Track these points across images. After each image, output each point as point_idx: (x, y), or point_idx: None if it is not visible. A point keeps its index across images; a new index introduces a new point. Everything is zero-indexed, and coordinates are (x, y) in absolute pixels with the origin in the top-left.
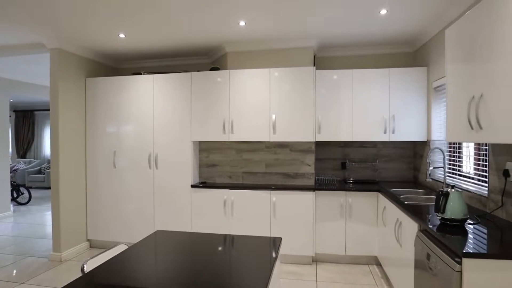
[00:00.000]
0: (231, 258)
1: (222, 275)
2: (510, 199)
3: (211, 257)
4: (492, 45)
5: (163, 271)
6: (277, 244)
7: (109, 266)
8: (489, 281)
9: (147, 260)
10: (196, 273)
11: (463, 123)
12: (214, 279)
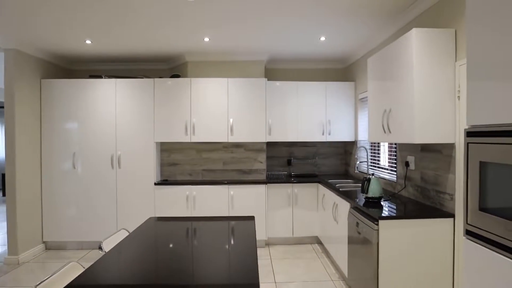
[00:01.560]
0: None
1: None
2: (410, 182)
3: (210, 240)
4: (397, 74)
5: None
6: (252, 223)
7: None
8: (394, 233)
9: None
10: (199, 252)
11: (379, 128)
12: (214, 256)
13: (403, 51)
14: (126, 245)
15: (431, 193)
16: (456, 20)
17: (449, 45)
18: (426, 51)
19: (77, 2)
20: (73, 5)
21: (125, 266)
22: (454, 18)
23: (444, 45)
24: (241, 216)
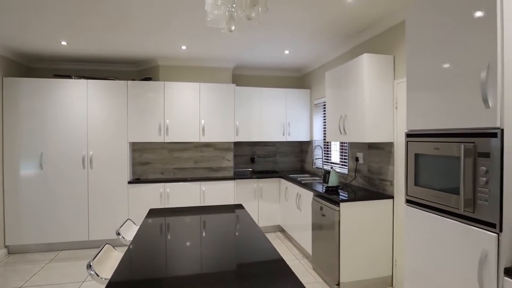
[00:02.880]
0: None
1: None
2: (359, 173)
3: (221, 227)
4: (351, 87)
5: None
6: (245, 211)
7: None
8: (351, 212)
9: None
10: (216, 240)
11: (336, 130)
12: (233, 242)
13: (357, 70)
14: (147, 237)
15: (376, 181)
16: (394, 48)
17: (389, 67)
18: (373, 71)
19: (54, 5)
20: (52, 8)
21: (168, 258)
22: (392, 47)
23: (386, 67)
24: (231, 205)
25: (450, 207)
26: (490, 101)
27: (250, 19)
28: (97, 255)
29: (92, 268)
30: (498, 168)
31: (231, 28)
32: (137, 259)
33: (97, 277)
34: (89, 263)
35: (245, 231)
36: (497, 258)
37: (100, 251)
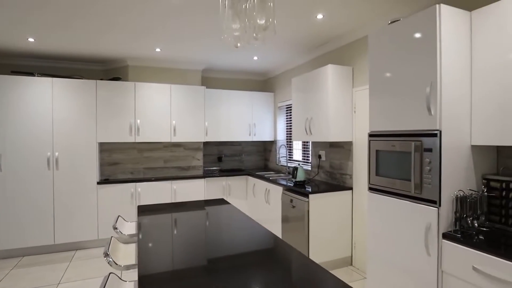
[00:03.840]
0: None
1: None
2: (322, 169)
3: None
4: (317, 93)
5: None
6: (232, 206)
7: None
8: (318, 203)
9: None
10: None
11: (302, 130)
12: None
13: (322, 78)
14: (152, 231)
15: (337, 175)
16: (353, 60)
17: (349, 77)
18: (336, 79)
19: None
20: (18, 5)
21: (180, 250)
22: (351, 59)
23: (346, 77)
24: (214, 199)
25: (404, 190)
26: (432, 110)
27: (257, 40)
28: (109, 246)
29: (109, 256)
30: (437, 159)
31: (237, 45)
32: (160, 250)
33: (115, 264)
34: (106, 251)
35: (243, 220)
36: (437, 226)
37: (109, 243)
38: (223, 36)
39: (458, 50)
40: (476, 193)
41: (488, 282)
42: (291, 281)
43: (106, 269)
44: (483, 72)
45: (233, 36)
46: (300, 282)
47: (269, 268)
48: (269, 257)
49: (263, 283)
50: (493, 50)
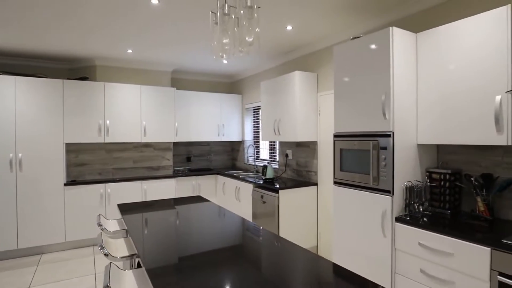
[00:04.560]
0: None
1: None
2: (289, 167)
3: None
4: (285, 96)
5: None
6: (211, 202)
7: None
8: (287, 197)
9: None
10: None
11: (271, 131)
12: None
13: (290, 83)
14: (141, 226)
15: (303, 172)
16: (317, 67)
17: (314, 82)
18: (303, 85)
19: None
20: None
21: (179, 240)
22: (316, 66)
23: (311, 82)
24: (191, 197)
25: (364, 183)
26: (386, 114)
27: (242, 52)
28: (102, 240)
29: (104, 249)
30: (391, 156)
31: (224, 56)
32: (155, 242)
33: (111, 257)
34: (101, 245)
35: (226, 214)
36: (391, 212)
37: (102, 237)
38: (213, 49)
39: (407, 65)
40: (421, 184)
41: (430, 254)
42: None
43: (79, 271)
44: (426, 84)
45: (222, 50)
46: (285, 254)
47: (264, 244)
48: (263, 241)
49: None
50: (433, 66)
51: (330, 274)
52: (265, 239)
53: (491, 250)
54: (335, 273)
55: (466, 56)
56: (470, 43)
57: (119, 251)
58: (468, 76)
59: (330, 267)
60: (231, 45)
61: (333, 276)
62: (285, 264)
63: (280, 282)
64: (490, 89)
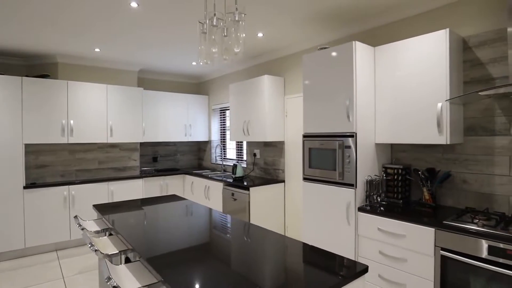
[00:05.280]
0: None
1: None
2: (257, 166)
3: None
4: (253, 98)
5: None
6: (187, 200)
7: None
8: (257, 194)
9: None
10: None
11: (240, 131)
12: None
13: (259, 86)
14: (126, 223)
15: (271, 170)
16: (284, 72)
17: (281, 86)
18: (271, 88)
19: None
20: None
21: (169, 233)
22: (283, 71)
23: (279, 86)
24: (167, 195)
25: (331, 178)
26: (350, 117)
27: (226, 60)
28: (89, 239)
29: (94, 246)
30: (354, 154)
31: (207, 63)
32: (146, 236)
33: (100, 254)
34: (90, 242)
35: (206, 210)
36: (354, 203)
37: (89, 237)
38: (199, 56)
39: (367, 75)
40: (378, 177)
41: (387, 237)
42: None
43: (46, 276)
44: (382, 92)
45: (208, 57)
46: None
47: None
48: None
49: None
50: (388, 77)
51: (301, 249)
52: (251, 226)
53: (435, 230)
54: (307, 249)
55: (414, 69)
56: (417, 58)
57: (106, 248)
58: (416, 86)
59: (300, 245)
60: (218, 54)
61: (307, 251)
62: (265, 242)
63: (263, 252)
64: (433, 97)
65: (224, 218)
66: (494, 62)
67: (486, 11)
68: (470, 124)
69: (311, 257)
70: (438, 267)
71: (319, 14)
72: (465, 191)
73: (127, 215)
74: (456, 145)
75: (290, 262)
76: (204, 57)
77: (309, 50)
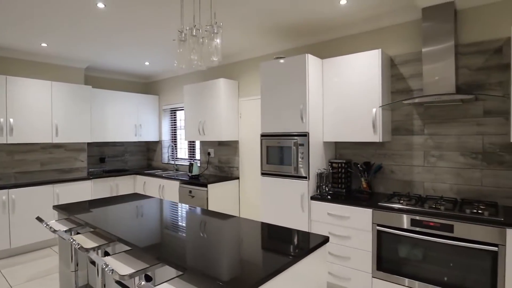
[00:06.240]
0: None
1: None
2: (211, 164)
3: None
4: (209, 99)
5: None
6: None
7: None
8: (214, 191)
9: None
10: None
11: (195, 131)
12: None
13: (215, 88)
14: (103, 219)
15: (225, 168)
16: (238, 76)
17: (235, 89)
18: (226, 90)
19: None
20: None
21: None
22: (237, 75)
23: (234, 89)
24: (129, 194)
25: (287, 172)
26: (303, 119)
27: (201, 66)
28: (70, 234)
29: (76, 241)
30: (307, 151)
31: (183, 67)
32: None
33: (83, 248)
34: (70, 238)
35: (172, 203)
36: (308, 193)
37: (70, 234)
38: (177, 62)
39: (317, 83)
40: (326, 171)
41: (335, 219)
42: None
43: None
44: (329, 98)
45: (186, 63)
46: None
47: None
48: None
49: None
50: (333, 85)
51: (261, 227)
52: (215, 214)
53: (372, 210)
54: (284, 229)
55: (354, 80)
56: (357, 71)
57: (87, 244)
58: (356, 94)
59: (259, 224)
60: (200, 60)
61: (283, 230)
62: (231, 224)
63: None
64: (369, 104)
65: (194, 207)
66: (413, 77)
67: (407, 37)
68: (396, 126)
69: (285, 234)
70: (375, 240)
71: (275, 26)
72: (392, 179)
73: (99, 211)
74: (386, 143)
75: (266, 237)
76: (182, 63)
77: (263, 57)
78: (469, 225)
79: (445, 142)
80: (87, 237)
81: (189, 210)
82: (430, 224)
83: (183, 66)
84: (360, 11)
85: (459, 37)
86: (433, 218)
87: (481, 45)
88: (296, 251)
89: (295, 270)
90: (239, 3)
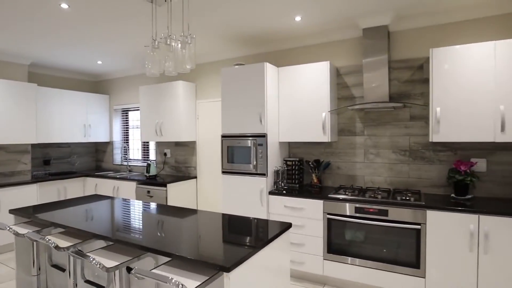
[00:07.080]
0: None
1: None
2: (167, 164)
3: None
4: (167, 101)
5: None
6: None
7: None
8: (174, 190)
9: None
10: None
11: (152, 132)
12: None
13: (173, 90)
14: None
15: (183, 168)
16: (196, 79)
17: (193, 91)
18: (184, 92)
19: None
20: None
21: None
22: (195, 78)
23: (191, 91)
24: (88, 195)
25: (247, 170)
26: (262, 121)
27: (174, 73)
28: (49, 232)
29: (51, 241)
30: (265, 150)
31: (157, 74)
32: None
33: (59, 247)
34: (46, 237)
35: (132, 202)
36: (266, 188)
37: (47, 232)
38: (148, 68)
39: (274, 89)
40: (282, 168)
41: (291, 211)
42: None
43: None
44: (284, 103)
45: (159, 70)
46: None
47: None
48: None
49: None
50: (287, 91)
51: (222, 218)
52: (179, 209)
53: (323, 201)
54: (228, 217)
55: (306, 87)
56: (309, 79)
57: (60, 243)
58: (307, 100)
59: (220, 215)
60: (174, 67)
61: (228, 218)
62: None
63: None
64: (320, 109)
65: (161, 205)
66: (355, 86)
67: (351, 51)
68: (342, 128)
69: (255, 223)
70: (326, 227)
71: (236, 35)
72: (339, 174)
73: (61, 213)
74: (333, 142)
75: (235, 226)
76: (155, 69)
77: (221, 61)
78: (400, 209)
79: (381, 141)
80: (58, 237)
81: (157, 206)
82: (370, 210)
83: (157, 74)
84: (313, 26)
85: (392, 54)
86: (372, 205)
87: (408, 62)
88: (268, 237)
89: (265, 253)
90: (207, 14)
